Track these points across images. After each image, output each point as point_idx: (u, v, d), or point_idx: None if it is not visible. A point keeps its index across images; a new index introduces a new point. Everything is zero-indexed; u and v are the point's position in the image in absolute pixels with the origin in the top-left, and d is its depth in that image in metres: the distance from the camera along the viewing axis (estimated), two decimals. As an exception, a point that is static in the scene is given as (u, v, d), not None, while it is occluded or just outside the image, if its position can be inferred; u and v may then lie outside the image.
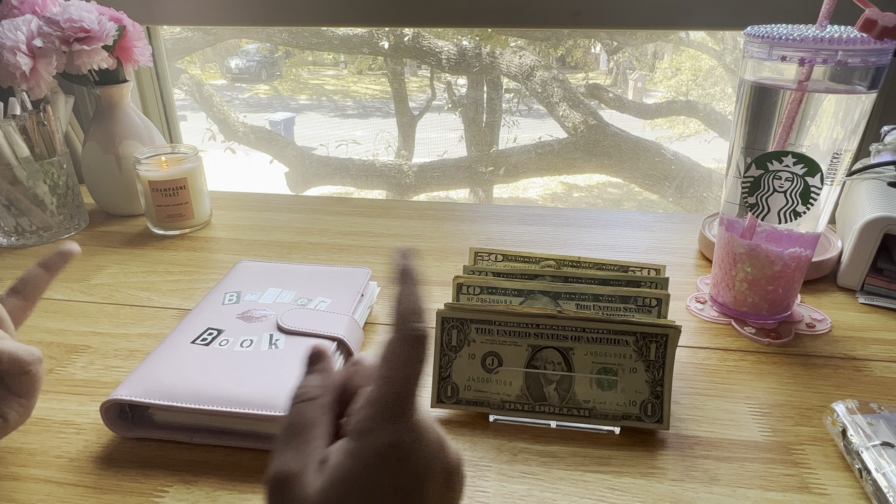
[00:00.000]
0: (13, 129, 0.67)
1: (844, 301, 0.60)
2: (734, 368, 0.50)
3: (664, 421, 0.42)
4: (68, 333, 0.55)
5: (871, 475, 0.37)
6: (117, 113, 0.76)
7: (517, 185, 3.39)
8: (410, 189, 3.03)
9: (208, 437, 0.42)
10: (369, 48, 3.04)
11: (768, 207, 0.50)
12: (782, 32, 0.45)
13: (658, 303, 0.45)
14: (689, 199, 2.79)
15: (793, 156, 0.47)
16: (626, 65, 3.90)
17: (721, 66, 3.14)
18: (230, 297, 0.53)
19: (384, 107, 4.25)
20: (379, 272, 0.65)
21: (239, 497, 0.38)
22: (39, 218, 0.72)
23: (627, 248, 0.71)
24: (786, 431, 0.43)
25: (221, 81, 4.61)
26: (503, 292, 0.46)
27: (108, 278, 0.65)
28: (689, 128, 3.37)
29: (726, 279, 0.55)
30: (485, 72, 2.98)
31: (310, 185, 3.19)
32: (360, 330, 0.51)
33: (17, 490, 0.38)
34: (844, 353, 0.52)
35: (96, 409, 0.44)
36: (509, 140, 3.28)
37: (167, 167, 0.72)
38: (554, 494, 0.38)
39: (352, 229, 0.77)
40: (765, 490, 0.38)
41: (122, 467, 0.40)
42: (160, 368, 0.43)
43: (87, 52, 0.69)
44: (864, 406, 0.42)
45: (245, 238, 0.74)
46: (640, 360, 0.42)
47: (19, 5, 0.71)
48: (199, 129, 3.36)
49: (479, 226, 0.78)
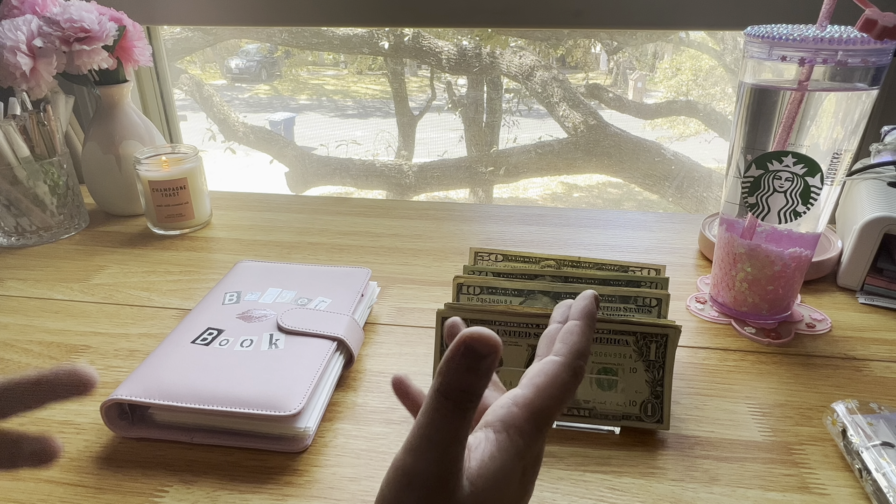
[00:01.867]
0: (13, 129, 0.67)
1: (844, 301, 0.60)
2: (734, 368, 0.50)
3: (664, 421, 0.42)
4: (68, 333, 0.55)
5: (871, 475, 0.37)
6: (117, 113, 0.76)
7: (517, 185, 3.39)
8: (410, 189, 3.02)
9: (208, 437, 0.42)
10: (369, 48, 3.04)
11: (768, 207, 0.50)
12: (782, 32, 0.45)
13: (658, 303, 0.45)
14: (689, 199, 2.79)
15: (793, 156, 0.47)
16: (626, 65, 3.89)
17: (721, 66, 3.14)
18: (230, 297, 0.53)
19: (384, 107, 4.25)
20: (379, 272, 0.65)
21: (239, 497, 0.38)
22: (39, 218, 0.72)
23: (627, 248, 0.71)
24: (786, 431, 0.43)
25: (221, 81, 4.61)
26: (503, 292, 0.46)
27: (108, 278, 0.65)
28: (689, 128, 3.37)
29: (726, 279, 0.55)
30: (485, 72, 2.98)
31: (310, 185, 3.19)
32: (360, 330, 0.51)
33: (17, 490, 0.38)
34: (844, 353, 0.52)
35: (96, 409, 0.44)
36: (509, 140, 3.28)
37: (167, 167, 0.72)
38: (554, 494, 0.38)
39: (352, 229, 0.77)
40: (765, 490, 0.38)
41: (122, 467, 0.40)
42: (160, 368, 0.43)
43: (88, 52, 0.69)
44: (864, 406, 0.42)
45: (245, 238, 0.74)
46: (640, 360, 0.42)
47: (19, 5, 0.71)
48: (199, 129, 3.35)
49: (479, 226, 0.78)
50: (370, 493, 0.38)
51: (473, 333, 0.22)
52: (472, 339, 0.22)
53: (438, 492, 0.23)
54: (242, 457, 0.41)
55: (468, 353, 0.22)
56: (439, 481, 0.23)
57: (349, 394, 0.47)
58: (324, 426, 0.44)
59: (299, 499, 0.38)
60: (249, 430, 0.42)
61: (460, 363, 0.22)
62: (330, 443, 0.42)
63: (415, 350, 0.52)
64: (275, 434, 0.41)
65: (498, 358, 0.22)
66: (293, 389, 0.41)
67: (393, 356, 0.52)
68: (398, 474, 0.23)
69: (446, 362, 0.23)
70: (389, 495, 0.23)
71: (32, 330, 0.55)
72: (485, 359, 0.22)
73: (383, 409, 0.45)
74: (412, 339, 0.54)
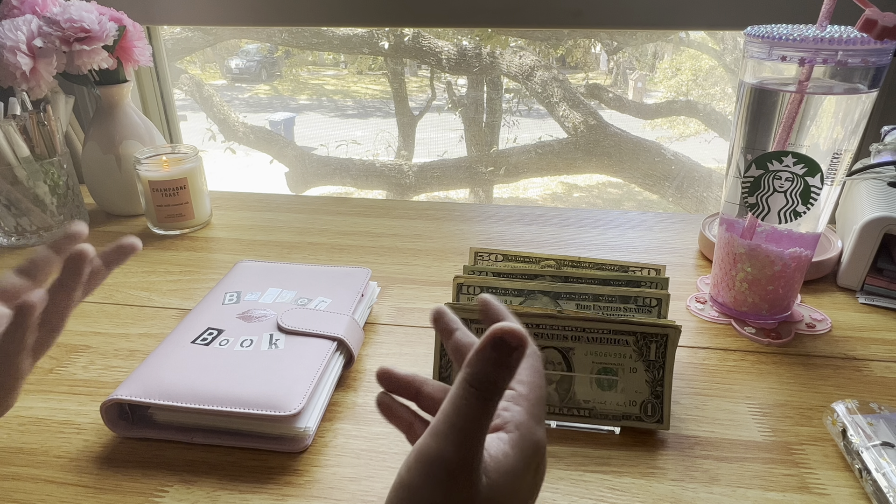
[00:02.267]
0: (13, 129, 0.67)
1: (844, 301, 0.60)
2: (734, 368, 0.50)
3: (664, 421, 0.42)
4: (68, 333, 0.55)
5: (871, 475, 0.37)
6: (117, 113, 0.76)
7: (517, 185, 3.39)
8: (410, 189, 3.02)
9: (208, 437, 0.42)
10: (369, 48, 3.04)
11: (768, 207, 0.50)
12: (782, 32, 0.45)
13: (658, 303, 0.45)
14: (689, 199, 2.79)
15: (793, 156, 0.47)
16: (626, 65, 3.89)
17: (721, 66, 3.14)
18: (230, 297, 0.53)
19: (384, 107, 4.25)
20: (379, 272, 0.65)
21: (239, 497, 0.38)
22: (39, 218, 0.72)
23: (627, 248, 0.71)
24: (786, 431, 0.43)
25: (221, 81, 4.60)
26: (503, 292, 0.46)
27: (108, 278, 0.65)
28: (689, 128, 3.37)
29: (726, 279, 0.55)
30: (485, 72, 2.98)
31: (310, 185, 3.19)
32: (360, 330, 0.51)
33: (17, 490, 0.38)
34: (844, 353, 0.52)
35: (96, 409, 0.44)
36: (509, 140, 3.28)
37: (167, 167, 0.72)
38: (554, 494, 0.38)
39: (352, 229, 0.77)
40: (765, 490, 0.38)
41: (122, 467, 0.40)
42: (160, 368, 0.43)
43: (88, 52, 0.69)
44: (864, 406, 0.42)
45: (245, 238, 0.74)
46: (640, 360, 0.42)
47: (19, 5, 0.71)
48: (199, 129, 3.35)
49: (479, 226, 0.78)
50: (370, 493, 0.38)
51: (505, 327, 0.23)
52: (504, 332, 0.22)
53: (460, 477, 0.23)
54: (242, 457, 0.41)
55: (498, 345, 0.23)
56: (461, 466, 0.23)
57: (349, 394, 0.47)
58: (324, 426, 0.44)
59: (299, 499, 0.38)
60: (249, 430, 0.42)
61: (490, 355, 0.23)
62: (330, 443, 0.42)
63: (415, 350, 0.52)
64: (275, 434, 0.41)
65: (525, 352, 0.23)
66: (293, 389, 0.41)
67: (393, 356, 0.52)
68: (421, 458, 0.24)
69: (476, 353, 0.23)
70: (409, 478, 0.24)
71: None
72: (514, 351, 0.23)
73: (383, 409, 0.45)
74: (412, 339, 0.54)
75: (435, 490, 0.23)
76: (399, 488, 0.24)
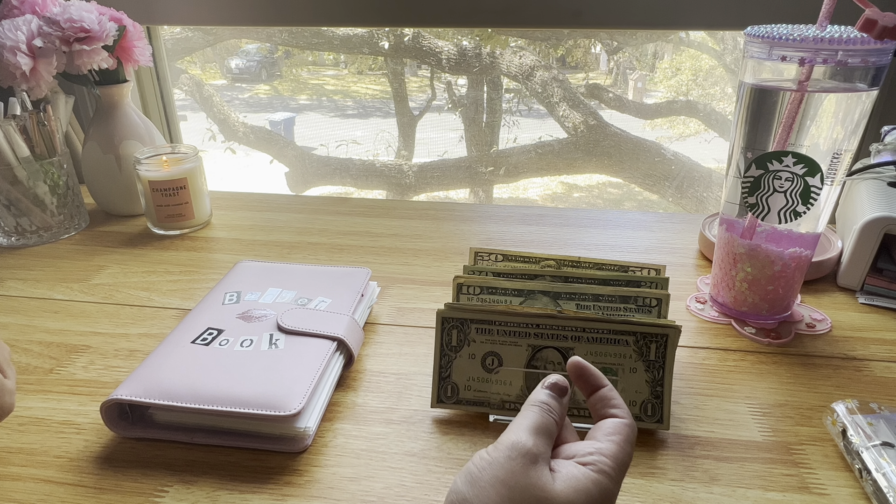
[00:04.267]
0: (13, 129, 0.67)
1: (844, 301, 0.60)
2: (734, 368, 0.50)
3: (664, 421, 0.42)
4: (68, 333, 0.55)
5: (871, 475, 0.37)
6: (117, 113, 0.76)
7: (517, 185, 3.39)
8: (410, 189, 3.02)
9: (208, 437, 0.42)
10: (369, 48, 3.04)
11: (768, 207, 0.50)
12: (782, 32, 0.45)
13: (658, 303, 0.45)
14: (689, 199, 2.79)
15: (793, 156, 0.47)
16: (626, 65, 3.89)
17: (721, 66, 3.14)
18: (230, 297, 0.53)
19: (384, 107, 4.25)
20: (379, 272, 0.65)
21: (239, 497, 0.38)
22: (39, 218, 0.72)
23: (627, 248, 0.71)
24: (786, 431, 0.43)
25: (221, 81, 4.60)
26: (503, 292, 0.46)
27: (108, 278, 0.65)
28: (689, 128, 3.37)
29: (726, 279, 0.55)
30: (485, 72, 2.98)
31: (310, 185, 3.19)
32: (360, 330, 0.51)
33: (17, 490, 0.38)
34: (844, 353, 0.52)
35: (96, 409, 0.44)
36: (509, 140, 3.28)
37: (167, 167, 0.72)
38: (554, 494, 0.38)
39: (352, 229, 0.77)
40: (765, 490, 0.38)
41: (122, 467, 0.40)
42: (160, 368, 0.43)
43: (88, 52, 0.69)
44: (864, 406, 0.42)
45: (245, 238, 0.74)
46: (640, 360, 0.42)
47: (19, 5, 0.71)
48: (199, 129, 3.35)
49: (479, 226, 0.78)
50: (370, 493, 0.38)
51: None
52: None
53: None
54: (242, 457, 0.41)
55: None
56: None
57: (349, 394, 0.47)
58: (324, 426, 0.44)
59: (299, 499, 0.38)
60: (249, 430, 0.42)
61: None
62: (330, 443, 0.42)
63: (415, 350, 0.52)
64: (275, 434, 0.41)
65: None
66: (293, 389, 0.41)
67: (393, 356, 0.52)
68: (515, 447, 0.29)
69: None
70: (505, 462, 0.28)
71: (32, 330, 0.55)
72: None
73: (383, 409, 0.45)
74: (412, 339, 0.54)
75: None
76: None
